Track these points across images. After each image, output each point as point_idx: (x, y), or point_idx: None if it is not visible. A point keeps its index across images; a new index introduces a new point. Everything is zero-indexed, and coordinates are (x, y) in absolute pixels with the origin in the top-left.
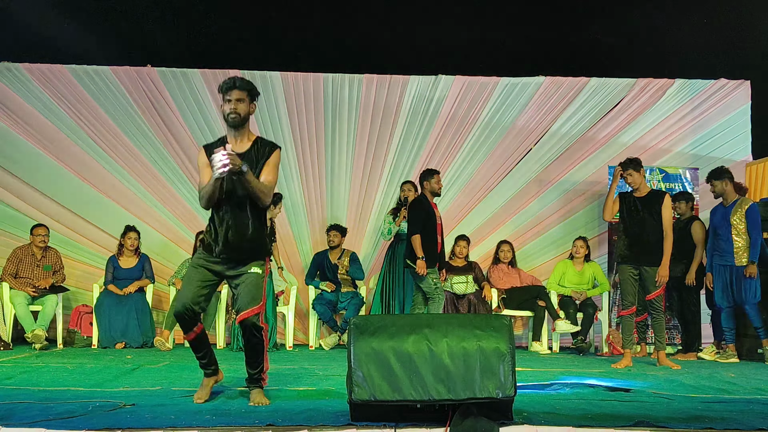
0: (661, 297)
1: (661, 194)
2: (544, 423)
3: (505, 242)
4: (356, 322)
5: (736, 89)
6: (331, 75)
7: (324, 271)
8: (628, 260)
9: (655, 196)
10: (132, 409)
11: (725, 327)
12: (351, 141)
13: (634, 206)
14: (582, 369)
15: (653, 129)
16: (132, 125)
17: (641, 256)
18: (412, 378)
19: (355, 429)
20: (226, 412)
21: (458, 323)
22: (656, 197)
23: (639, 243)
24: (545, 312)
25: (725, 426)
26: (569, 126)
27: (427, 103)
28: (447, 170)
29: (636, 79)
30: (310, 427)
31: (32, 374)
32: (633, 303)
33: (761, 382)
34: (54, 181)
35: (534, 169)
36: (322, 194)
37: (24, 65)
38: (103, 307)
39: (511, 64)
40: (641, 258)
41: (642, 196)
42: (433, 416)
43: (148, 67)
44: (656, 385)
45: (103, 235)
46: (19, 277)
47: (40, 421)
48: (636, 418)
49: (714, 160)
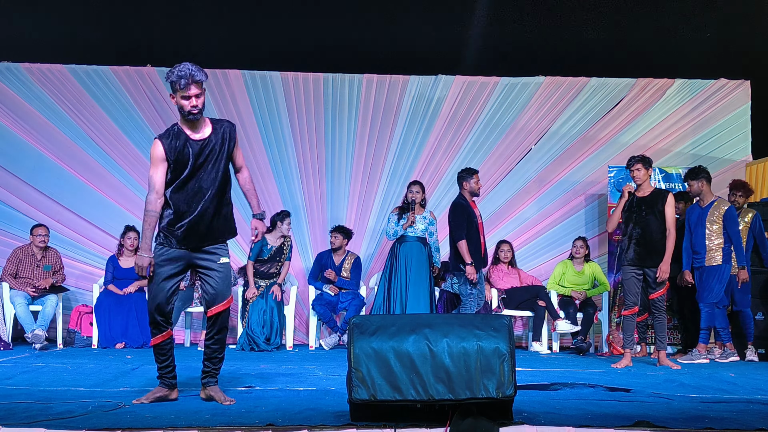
0: (663, 297)
1: (664, 193)
2: (544, 423)
3: (504, 242)
4: (356, 322)
5: (736, 89)
6: (331, 75)
7: (325, 269)
8: (632, 262)
9: (658, 195)
10: (132, 409)
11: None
12: (351, 141)
13: (637, 207)
14: (582, 369)
15: (653, 129)
16: (132, 125)
17: (645, 257)
18: (412, 378)
19: (355, 429)
20: (226, 412)
21: (458, 323)
22: (659, 196)
23: (642, 244)
24: (545, 312)
25: (725, 426)
26: (569, 126)
27: (427, 103)
28: (447, 170)
29: (636, 79)
30: (310, 427)
31: (32, 374)
32: (636, 303)
33: (761, 382)
34: (54, 181)
35: (534, 169)
36: (322, 194)
37: (24, 65)
38: (103, 307)
39: (511, 64)
40: (646, 259)
41: (644, 196)
42: (433, 416)
43: (148, 67)
44: (656, 385)
45: (103, 235)
46: (19, 277)
47: (40, 421)
48: (636, 418)
49: (714, 160)
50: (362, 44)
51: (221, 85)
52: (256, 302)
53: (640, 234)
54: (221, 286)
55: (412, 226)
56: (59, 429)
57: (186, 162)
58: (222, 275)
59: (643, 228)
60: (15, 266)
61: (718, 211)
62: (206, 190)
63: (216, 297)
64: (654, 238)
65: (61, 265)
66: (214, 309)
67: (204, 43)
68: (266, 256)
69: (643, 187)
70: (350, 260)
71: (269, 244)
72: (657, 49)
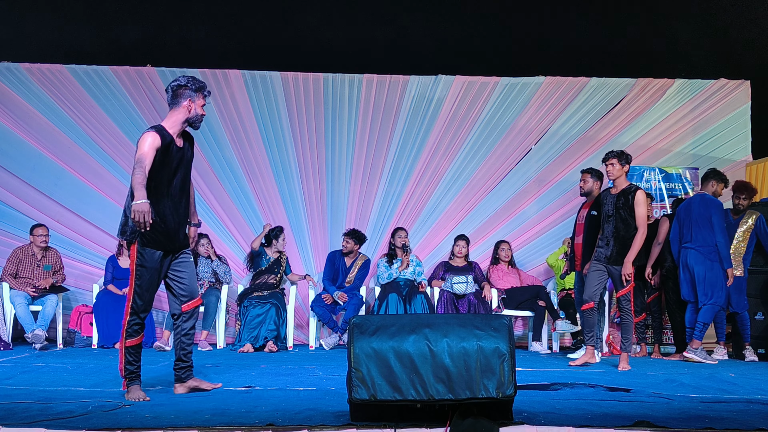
0: (628, 296)
1: (633, 190)
2: (544, 423)
3: (503, 242)
4: (356, 322)
5: (736, 89)
6: (331, 75)
7: (337, 271)
8: (598, 257)
9: (628, 192)
10: (132, 409)
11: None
12: (351, 141)
13: (609, 204)
14: (582, 369)
15: (653, 129)
16: (132, 125)
17: (612, 255)
18: (413, 378)
19: (355, 429)
20: (226, 412)
21: (458, 323)
22: (628, 194)
23: (611, 241)
24: (545, 312)
25: (725, 426)
26: (569, 126)
27: (427, 103)
28: (447, 170)
29: (636, 79)
30: (310, 427)
31: (32, 374)
32: (592, 298)
33: (761, 382)
34: (54, 181)
35: (534, 169)
36: (322, 194)
37: (24, 65)
38: (102, 307)
39: (511, 64)
40: (612, 257)
41: (616, 193)
42: (433, 416)
43: (148, 67)
44: (656, 385)
45: (103, 235)
46: (19, 277)
47: (40, 421)
48: (636, 418)
49: (714, 160)
50: (362, 44)
51: (221, 85)
52: (253, 309)
53: (609, 230)
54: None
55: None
56: (59, 429)
57: (169, 164)
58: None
59: (614, 225)
60: (15, 266)
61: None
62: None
63: (195, 289)
64: (623, 236)
65: (61, 265)
66: (195, 302)
67: (204, 43)
68: (264, 266)
69: (617, 184)
70: (360, 261)
71: (268, 255)
72: (657, 49)
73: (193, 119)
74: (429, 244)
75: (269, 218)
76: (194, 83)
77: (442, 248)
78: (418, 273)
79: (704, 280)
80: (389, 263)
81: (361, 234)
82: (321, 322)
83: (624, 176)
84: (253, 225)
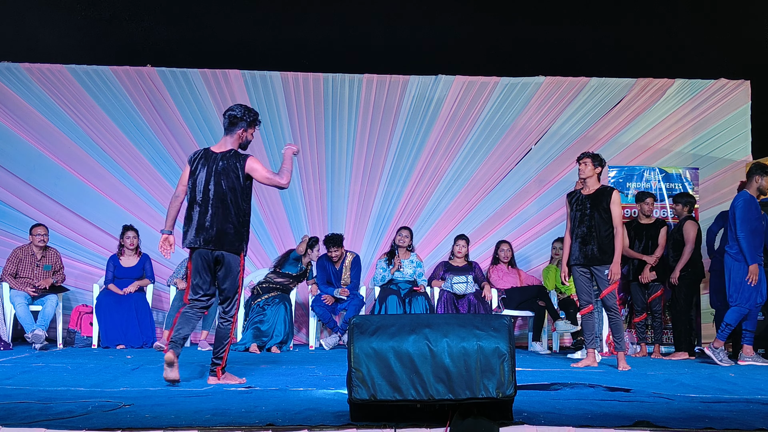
0: (614, 295)
1: (609, 190)
2: (544, 423)
3: (504, 242)
4: (356, 322)
5: (736, 89)
6: (331, 75)
7: (329, 275)
8: (578, 260)
9: (603, 192)
10: (132, 409)
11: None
12: (351, 141)
13: (582, 205)
14: (582, 369)
15: (653, 129)
16: (132, 125)
17: (591, 256)
18: (412, 378)
19: (355, 429)
20: (227, 412)
21: (458, 323)
22: (604, 194)
23: (587, 242)
24: (545, 312)
25: (725, 426)
26: (569, 126)
27: (427, 103)
28: (447, 170)
29: (636, 79)
30: (310, 427)
31: (32, 374)
32: (589, 302)
33: (761, 382)
34: (54, 181)
35: (534, 169)
36: (323, 194)
37: (24, 65)
38: (103, 306)
39: (511, 64)
40: (591, 258)
41: (590, 193)
42: (433, 416)
43: (148, 67)
44: (656, 385)
45: (103, 235)
46: (19, 277)
47: (40, 421)
48: (636, 418)
49: (714, 160)
50: (362, 44)
51: (221, 85)
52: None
53: (585, 232)
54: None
55: (400, 270)
56: (59, 429)
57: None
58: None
59: (588, 226)
60: (15, 266)
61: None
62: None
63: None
64: (598, 236)
65: (61, 264)
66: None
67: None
68: (295, 272)
69: (588, 184)
70: (349, 260)
71: (301, 263)
72: (657, 49)
73: (246, 145)
74: (429, 244)
75: (269, 218)
76: (249, 115)
77: (442, 248)
78: (418, 274)
79: (730, 280)
80: (389, 262)
81: (338, 236)
82: (321, 322)
83: (596, 177)
84: (253, 225)
